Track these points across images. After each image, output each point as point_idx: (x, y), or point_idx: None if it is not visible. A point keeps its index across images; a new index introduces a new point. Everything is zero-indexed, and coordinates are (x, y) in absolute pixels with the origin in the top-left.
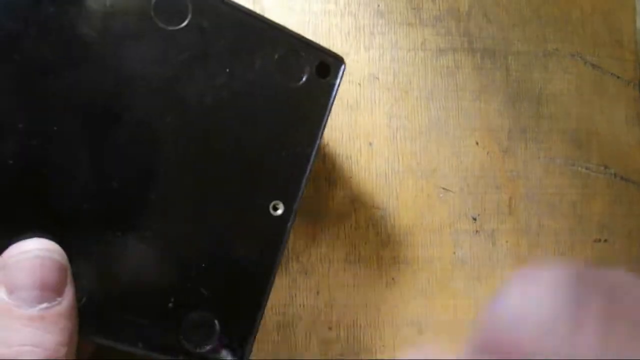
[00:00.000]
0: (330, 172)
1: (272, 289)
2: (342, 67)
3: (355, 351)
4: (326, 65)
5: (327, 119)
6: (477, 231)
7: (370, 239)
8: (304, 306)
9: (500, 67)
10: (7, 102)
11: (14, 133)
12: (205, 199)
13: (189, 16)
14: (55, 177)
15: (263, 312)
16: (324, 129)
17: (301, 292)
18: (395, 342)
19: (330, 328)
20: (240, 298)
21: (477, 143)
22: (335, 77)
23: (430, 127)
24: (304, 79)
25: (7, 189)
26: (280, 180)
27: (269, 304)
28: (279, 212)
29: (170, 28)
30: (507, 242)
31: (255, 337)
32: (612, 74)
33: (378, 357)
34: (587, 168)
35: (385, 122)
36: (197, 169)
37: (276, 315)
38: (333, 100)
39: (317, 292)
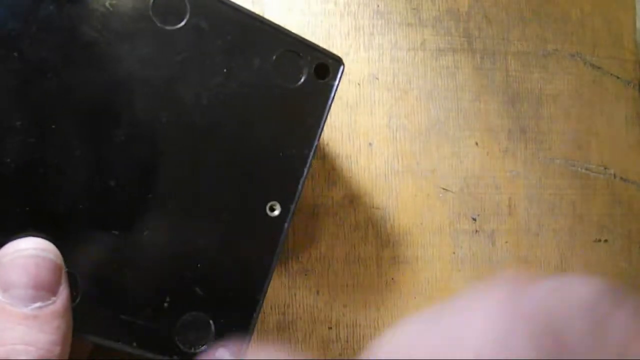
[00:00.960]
0: (330, 172)
1: (272, 288)
2: (341, 68)
3: (355, 351)
4: (325, 66)
5: (325, 120)
6: (476, 231)
7: (370, 239)
8: (304, 306)
9: (500, 68)
10: (5, 100)
11: (12, 131)
12: (201, 199)
13: (187, 16)
14: (52, 176)
15: (259, 313)
16: (322, 130)
17: (301, 291)
18: None
19: (330, 328)
20: (236, 299)
21: (476, 143)
22: (334, 78)
23: (429, 127)
24: (302, 79)
25: (3, 187)
26: (278, 180)
27: (269, 303)
28: (276, 212)
29: (169, 28)
30: (506, 242)
31: (251, 338)
32: (611, 74)
33: None
34: (586, 168)
35: (385, 122)
36: (194, 169)
37: (276, 315)
38: (331, 102)
39: (317, 292)
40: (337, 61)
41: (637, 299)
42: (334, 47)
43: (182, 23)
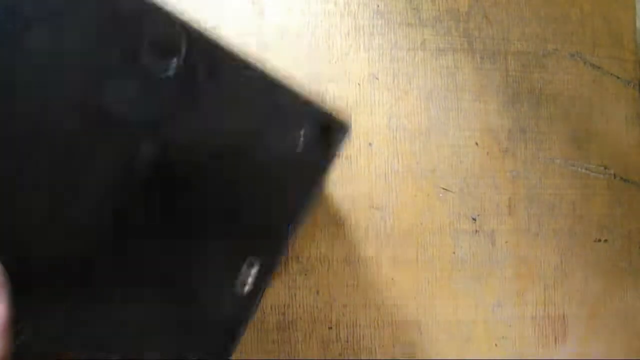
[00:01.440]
0: (330, 172)
1: (272, 288)
2: (346, 133)
3: (355, 351)
4: (329, 128)
5: (322, 183)
6: (476, 231)
7: (370, 239)
8: (304, 306)
9: (500, 68)
10: None
11: None
12: (178, 249)
13: (182, 60)
14: (25, 217)
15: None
16: (319, 192)
17: (301, 292)
18: (395, 342)
19: (330, 328)
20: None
21: (476, 143)
22: (336, 143)
23: (429, 127)
24: (302, 137)
25: None
26: (262, 236)
27: (269, 303)
28: (254, 270)
29: (160, 74)
30: (506, 242)
31: None
32: (611, 74)
33: (378, 357)
34: (586, 168)
35: (385, 123)
36: (174, 217)
37: (276, 315)
38: (331, 165)
39: (317, 292)
40: (343, 126)
41: None
42: (334, 47)
43: (174, 67)
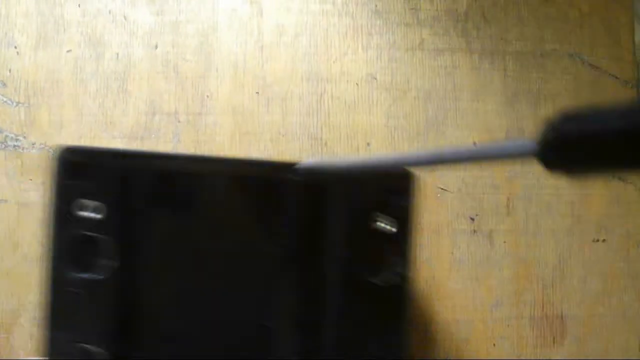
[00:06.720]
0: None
1: None
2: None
3: None
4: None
5: None
6: (475, 231)
7: None
8: None
9: (498, 68)
10: None
11: None
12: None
13: None
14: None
15: None
16: None
17: None
18: None
19: None
20: None
21: (475, 143)
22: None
23: (428, 127)
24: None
25: None
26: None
27: None
28: None
29: None
30: (505, 242)
31: None
32: (610, 74)
33: None
34: None
35: (383, 122)
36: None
37: None
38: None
39: None
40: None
41: None
42: (332, 46)
43: None
